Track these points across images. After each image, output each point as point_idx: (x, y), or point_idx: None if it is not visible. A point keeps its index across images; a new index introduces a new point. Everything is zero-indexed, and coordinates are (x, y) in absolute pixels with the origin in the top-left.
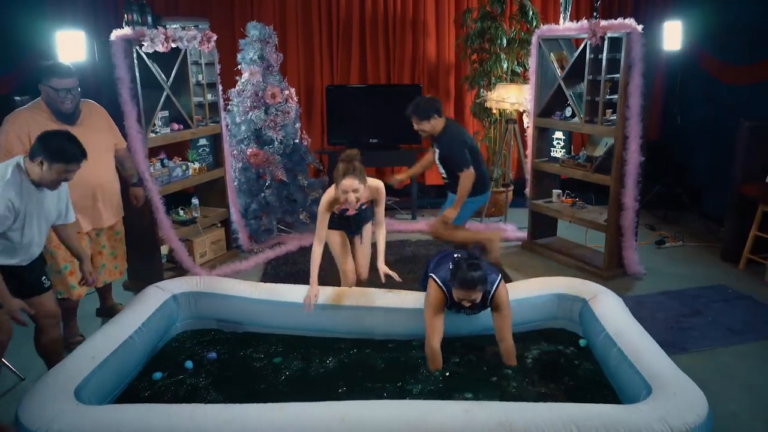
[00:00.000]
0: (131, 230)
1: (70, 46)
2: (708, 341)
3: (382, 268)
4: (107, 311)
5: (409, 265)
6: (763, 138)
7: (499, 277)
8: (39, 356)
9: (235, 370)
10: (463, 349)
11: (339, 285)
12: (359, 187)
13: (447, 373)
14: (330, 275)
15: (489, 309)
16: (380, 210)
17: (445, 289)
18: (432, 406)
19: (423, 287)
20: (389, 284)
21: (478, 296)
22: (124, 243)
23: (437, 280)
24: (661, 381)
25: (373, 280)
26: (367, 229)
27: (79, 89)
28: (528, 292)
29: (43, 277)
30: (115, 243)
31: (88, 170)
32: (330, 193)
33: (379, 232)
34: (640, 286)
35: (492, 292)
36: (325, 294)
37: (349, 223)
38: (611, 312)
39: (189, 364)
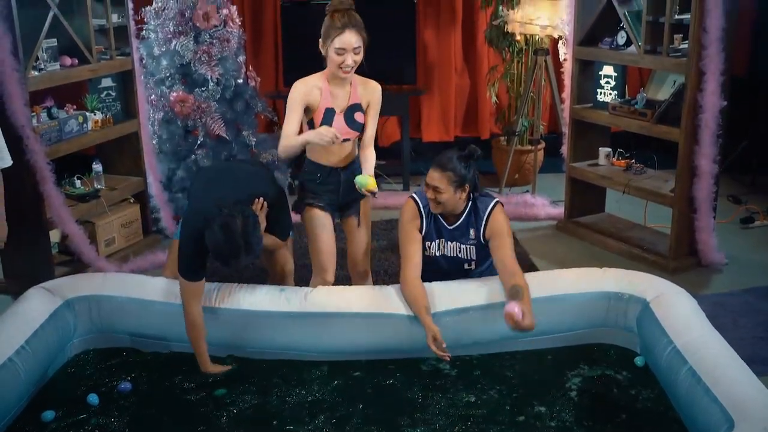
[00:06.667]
0: (7, 208)
1: None
2: None
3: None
4: None
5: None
6: None
7: (495, 200)
8: None
9: (159, 406)
10: (477, 378)
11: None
12: (360, 46)
13: (459, 414)
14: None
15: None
16: (372, 122)
17: (418, 199)
18: None
19: None
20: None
21: (443, 184)
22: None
23: (413, 193)
24: (746, 412)
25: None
26: (364, 206)
27: None
28: (563, 289)
29: None
30: None
31: None
32: (308, 80)
33: (367, 152)
34: (720, 282)
35: (487, 214)
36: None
37: (337, 191)
38: (681, 318)
39: (93, 398)
